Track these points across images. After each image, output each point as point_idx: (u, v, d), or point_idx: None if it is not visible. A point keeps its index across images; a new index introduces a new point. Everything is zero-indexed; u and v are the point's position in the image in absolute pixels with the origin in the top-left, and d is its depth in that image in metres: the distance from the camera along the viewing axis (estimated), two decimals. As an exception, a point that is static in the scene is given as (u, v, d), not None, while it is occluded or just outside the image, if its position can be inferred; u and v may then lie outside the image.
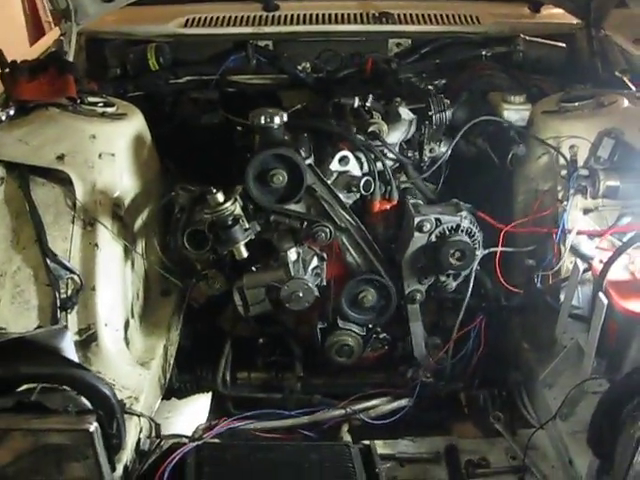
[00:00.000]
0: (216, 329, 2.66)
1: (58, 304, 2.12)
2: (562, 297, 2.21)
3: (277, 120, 2.25)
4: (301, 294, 2.23)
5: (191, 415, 2.50)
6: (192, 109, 2.80)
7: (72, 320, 2.14)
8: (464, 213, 2.26)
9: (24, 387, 1.61)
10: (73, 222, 2.24)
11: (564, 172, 2.31)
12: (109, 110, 2.41)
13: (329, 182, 2.28)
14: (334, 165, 2.31)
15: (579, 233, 2.25)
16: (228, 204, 2.17)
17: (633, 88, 2.52)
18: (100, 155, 2.30)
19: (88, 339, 2.14)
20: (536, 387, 2.19)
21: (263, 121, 2.24)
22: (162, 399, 2.37)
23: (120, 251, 2.31)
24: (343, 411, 2.18)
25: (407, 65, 2.82)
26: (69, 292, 2.16)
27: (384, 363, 2.50)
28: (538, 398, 2.18)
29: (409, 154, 2.47)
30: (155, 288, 2.55)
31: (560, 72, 2.85)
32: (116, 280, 2.26)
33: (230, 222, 2.18)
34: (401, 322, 2.42)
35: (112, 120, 2.37)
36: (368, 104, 2.49)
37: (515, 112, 2.42)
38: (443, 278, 2.32)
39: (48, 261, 2.15)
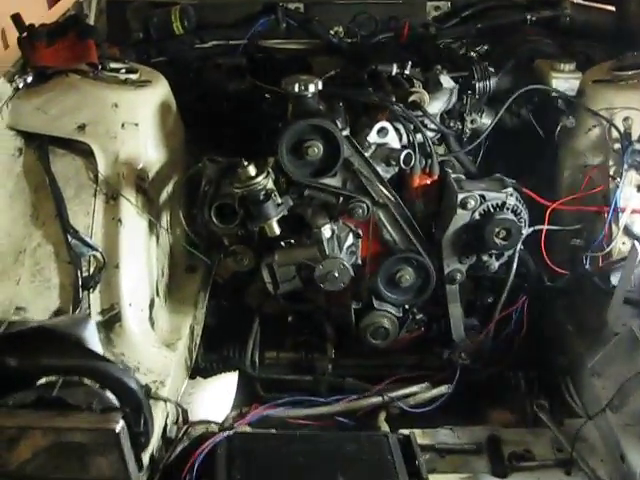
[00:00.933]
0: (242, 306, 2.50)
1: (80, 283, 1.95)
2: (613, 280, 2.01)
3: (312, 88, 2.04)
4: (336, 274, 2.04)
5: (218, 395, 2.34)
6: (219, 75, 2.59)
7: (94, 299, 1.97)
8: (510, 190, 2.06)
9: (44, 380, 1.44)
10: (95, 196, 2.06)
11: (617, 146, 2.09)
12: (132, 77, 2.19)
13: (367, 155, 2.07)
14: (372, 137, 2.10)
15: (633, 212, 2.03)
16: (260, 178, 1.97)
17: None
18: (123, 125, 2.10)
19: (111, 320, 1.97)
20: (583, 375, 1.99)
21: (297, 89, 2.04)
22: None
23: (145, 226, 2.12)
24: (380, 398, 1.99)
25: (446, 30, 2.58)
26: (91, 270, 1.98)
27: (418, 344, 2.32)
28: (585, 387, 1.99)
29: (450, 125, 2.26)
30: (180, 264, 2.36)
31: (609, 38, 2.60)
32: (141, 257, 2.07)
33: (262, 197, 1.99)
34: (437, 303, 2.23)
35: (135, 88, 2.16)
36: (407, 72, 2.28)
37: (564, 81, 2.19)
38: (485, 258, 2.12)
39: (69, 238, 1.97)
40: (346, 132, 2.04)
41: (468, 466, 1.85)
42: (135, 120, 2.12)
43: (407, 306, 2.21)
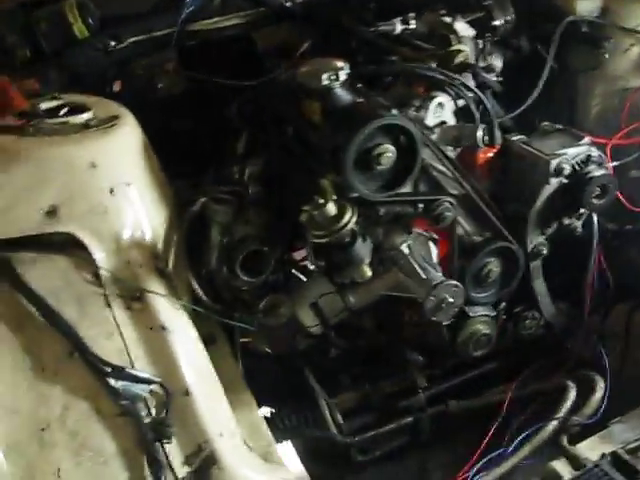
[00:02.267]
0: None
1: (149, 437, 1.26)
2: None
3: (342, 75, 1.46)
4: (452, 299, 1.54)
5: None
6: (147, 80, 1.85)
7: (172, 449, 1.31)
8: (587, 139, 1.68)
9: None
10: (109, 305, 1.33)
11: (666, 62, 1.79)
12: (85, 117, 1.42)
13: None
14: (430, 117, 1.59)
15: None
16: (347, 217, 1.38)
17: None
18: (111, 190, 1.36)
19: (204, 465, 1.33)
20: None
21: (327, 80, 1.45)
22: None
23: (187, 319, 1.44)
24: (556, 422, 1.58)
25: None
26: (154, 412, 1.29)
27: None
28: None
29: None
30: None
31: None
32: (206, 364, 1.41)
33: (349, 239, 1.41)
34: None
35: (105, 131, 1.40)
36: (412, 26, 1.75)
37: (587, 1, 1.82)
38: (567, 221, 1.74)
39: (109, 380, 1.25)
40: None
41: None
42: (125, 178, 1.38)
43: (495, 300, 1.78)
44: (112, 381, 1.25)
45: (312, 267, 1.55)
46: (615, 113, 1.89)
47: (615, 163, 1.78)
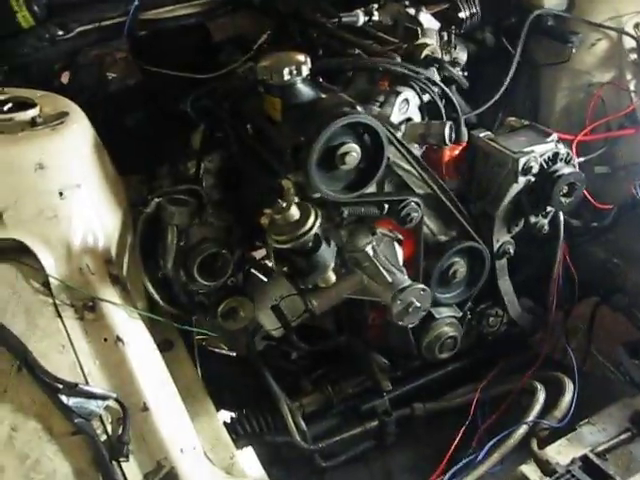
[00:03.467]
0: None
1: (105, 456, 1.19)
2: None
3: (305, 69, 1.41)
4: (418, 303, 1.51)
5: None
6: (97, 72, 1.76)
7: (130, 468, 1.24)
8: (555, 136, 1.66)
9: None
10: (59, 315, 1.26)
11: (632, 57, 1.78)
12: (31, 113, 1.33)
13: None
14: (396, 114, 1.54)
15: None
16: (310, 221, 1.32)
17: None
18: (61, 193, 1.28)
19: (165, 483, 1.26)
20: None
21: (288, 75, 1.40)
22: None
23: (144, 328, 1.38)
24: (526, 427, 1.56)
25: None
26: (110, 429, 1.23)
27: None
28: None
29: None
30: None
31: None
32: (164, 376, 1.34)
33: (312, 244, 1.36)
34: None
35: (53, 129, 1.31)
36: (375, 17, 1.70)
37: (555, -5, 1.80)
38: (534, 219, 1.73)
39: (61, 397, 1.18)
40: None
41: (637, 459, 1.53)
42: (75, 180, 1.30)
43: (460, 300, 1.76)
44: (64, 398, 1.18)
45: (276, 270, 1.49)
46: (580, 108, 1.89)
47: (581, 159, 1.78)
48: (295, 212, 1.32)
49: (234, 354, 2.08)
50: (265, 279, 1.86)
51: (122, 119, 1.86)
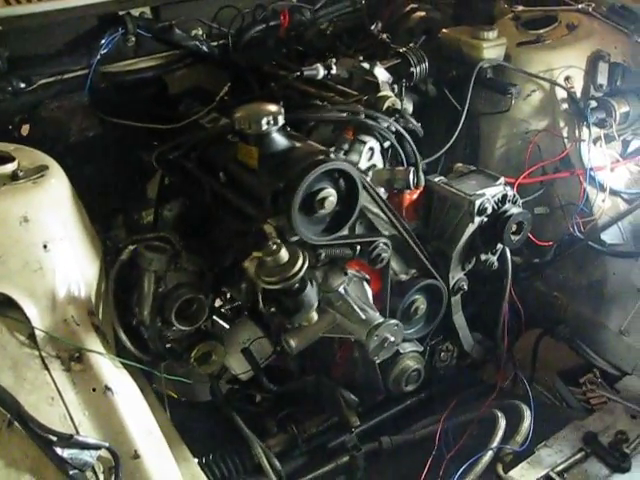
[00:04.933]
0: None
1: (100, 508, 1.19)
2: (605, 238, 1.92)
3: (280, 119, 1.48)
4: (393, 338, 1.57)
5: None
6: (58, 124, 1.76)
7: (124, 518, 1.23)
8: (502, 179, 1.79)
9: None
10: (46, 367, 1.25)
11: (564, 107, 1.95)
12: (10, 167, 1.32)
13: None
14: (363, 161, 1.63)
15: (596, 169, 1.93)
16: (299, 264, 1.37)
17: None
18: (45, 246, 1.28)
19: (158, 531, 1.26)
20: (607, 336, 1.92)
21: (265, 126, 1.46)
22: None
23: (129, 376, 1.37)
24: (491, 452, 1.64)
25: (320, 10, 2.08)
26: (103, 479, 1.22)
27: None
28: (613, 346, 1.92)
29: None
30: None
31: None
32: (152, 423, 1.34)
33: (299, 285, 1.41)
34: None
35: (37, 184, 1.31)
36: (333, 71, 1.80)
37: (493, 49, 1.94)
38: (484, 257, 1.84)
39: (57, 450, 1.17)
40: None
41: (592, 476, 1.64)
42: (58, 232, 1.31)
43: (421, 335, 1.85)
44: (59, 450, 1.16)
45: (264, 310, 1.52)
46: (518, 153, 2.04)
47: (522, 200, 1.91)
48: (285, 254, 1.38)
49: (183, 399, 2.09)
50: (227, 326, 1.90)
51: (80, 169, 1.86)
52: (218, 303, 1.90)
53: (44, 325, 1.26)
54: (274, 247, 1.36)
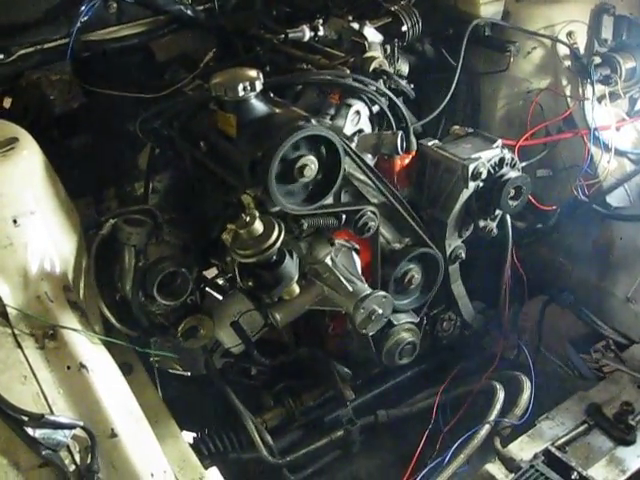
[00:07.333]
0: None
1: (74, 486, 1.17)
2: (610, 201, 1.84)
3: (258, 85, 1.42)
4: (381, 310, 1.53)
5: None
6: (40, 95, 1.72)
7: (101, 498, 1.21)
8: (499, 141, 1.71)
9: None
10: (19, 346, 1.22)
11: (567, 64, 1.86)
12: (-20, 140, 1.29)
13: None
14: (349, 126, 1.56)
15: (601, 129, 1.84)
16: (274, 235, 1.33)
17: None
18: (15, 221, 1.25)
19: (137, 512, 1.24)
20: (613, 304, 1.85)
21: (243, 91, 1.40)
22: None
23: (106, 353, 1.35)
24: (488, 426, 1.59)
25: None
26: (78, 459, 1.19)
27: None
28: (621, 314, 1.85)
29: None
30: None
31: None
32: (130, 401, 1.32)
33: (277, 257, 1.36)
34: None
35: (5, 157, 1.27)
36: (321, 33, 1.73)
37: (491, 5, 1.85)
38: (483, 223, 1.77)
39: (28, 430, 1.14)
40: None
41: (595, 449, 1.59)
42: (29, 207, 1.27)
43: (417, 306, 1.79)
44: (30, 430, 1.14)
45: (239, 285, 1.48)
46: (519, 114, 1.95)
47: (524, 163, 1.84)
48: (259, 226, 1.33)
49: (189, 374, 2.07)
50: (220, 297, 1.86)
51: (67, 142, 1.83)
52: (215, 273, 1.88)
53: (16, 302, 1.23)
54: (247, 219, 1.31)
